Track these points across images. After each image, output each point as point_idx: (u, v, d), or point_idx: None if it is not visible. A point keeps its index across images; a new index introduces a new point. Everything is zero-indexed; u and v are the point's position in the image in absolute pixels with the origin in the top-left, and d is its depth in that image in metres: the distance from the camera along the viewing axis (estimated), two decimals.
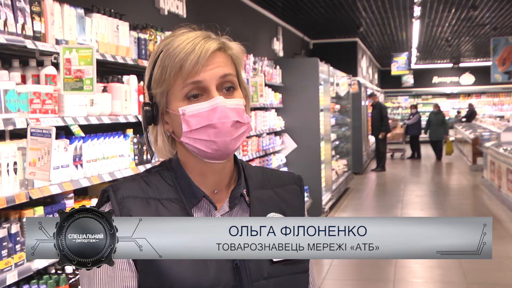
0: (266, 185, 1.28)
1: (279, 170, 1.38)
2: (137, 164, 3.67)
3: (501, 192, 9.52)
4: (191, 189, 1.20)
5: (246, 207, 1.24)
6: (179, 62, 1.16)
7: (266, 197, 1.25)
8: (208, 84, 1.16)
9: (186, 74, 1.16)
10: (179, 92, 1.17)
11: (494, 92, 25.12)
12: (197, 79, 1.16)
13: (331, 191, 9.14)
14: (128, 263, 1.14)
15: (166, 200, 1.19)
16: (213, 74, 1.17)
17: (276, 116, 7.83)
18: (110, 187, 1.18)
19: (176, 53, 1.16)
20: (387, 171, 14.36)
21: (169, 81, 1.17)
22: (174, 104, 1.19)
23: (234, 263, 1.15)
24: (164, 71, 1.17)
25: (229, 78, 1.19)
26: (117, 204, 1.16)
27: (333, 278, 5.76)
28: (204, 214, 1.20)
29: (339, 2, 9.92)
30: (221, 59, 1.19)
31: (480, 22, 13.01)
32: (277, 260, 1.17)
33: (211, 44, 1.17)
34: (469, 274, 5.69)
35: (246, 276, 1.15)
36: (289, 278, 1.20)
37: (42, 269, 2.79)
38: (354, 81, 12.91)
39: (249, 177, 1.27)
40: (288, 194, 1.29)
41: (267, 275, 1.17)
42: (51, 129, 2.58)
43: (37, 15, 2.82)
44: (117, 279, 1.13)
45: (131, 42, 3.78)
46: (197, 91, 1.17)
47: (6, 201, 2.46)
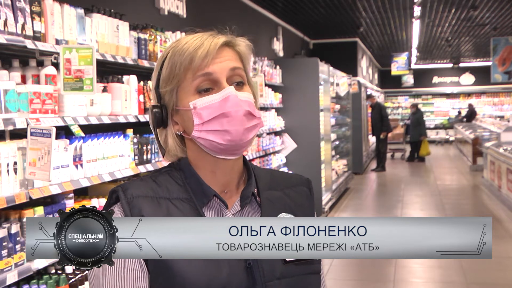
0: (275, 186, 1.27)
1: (287, 172, 1.38)
2: (137, 164, 3.67)
3: (501, 192, 9.52)
4: (201, 188, 1.19)
5: (257, 207, 1.23)
6: (189, 56, 1.17)
7: (276, 197, 1.25)
8: (218, 76, 1.17)
9: (196, 67, 1.17)
10: (189, 86, 1.18)
11: (494, 92, 25.11)
12: (207, 71, 1.17)
13: (331, 191, 9.14)
14: (139, 263, 1.13)
15: (177, 199, 1.18)
16: (223, 66, 1.18)
17: (276, 116, 7.83)
18: (119, 187, 1.17)
19: (185, 48, 1.18)
20: (387, 171, 14.36)
21: (179, 76, 1.18)
22: (185, 99, 1.19)
23: (247, 263, 1.14)
24: (173, 67, 1.18)
25: (239, 72, 1.20)
26: (127, 203, 1.14)
27: (333, 278, 5.76)
28: (215, 213, 1.19)
29: (339, 2, 9.91)
30: (229, 54, 1.20)
31: (480, 22, 13.00)
32: (289, 260, 1.17)
33: (219, 39, 1.19)
34: (469, 274, 5.69)
35: (260, 276, 1.15)
36: (301, 279, 1.19)
37: (42, 269, 2.79)
38: (354, 81, 12.90)
39: (258, 178, 1.26)
40: (297, 195, 1.29)
41: (280, 275, 1.17)
42: (51, 129, 2.58)
43: (37, 15, 2.82)
44: (129, 280, 1.12)
45: (131, 42, 3.78)
46: (208, 84, 1.18)
47: (6, 201, 2.46)
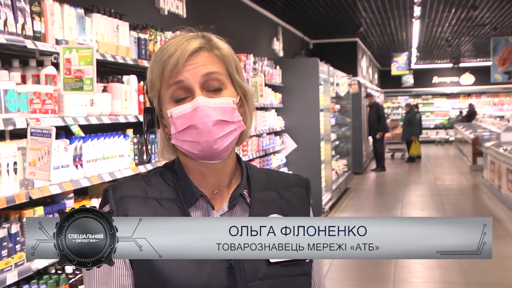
0: (270, 187, 1.27)
1: (286, 172, 1.37)
2: (137, 164, 3.67)
3: (501, 192, 9.51)
4: (190, 189, 1.21)
5: (247, 207, 1.23)
6: (162, 64, 1.17)
7: (268, 199, 1.24)
8: (191, 83, 1.16)
9: (167, 75, 1.17)
10: (166, 94, 1.19)
11: (494, 92, 25.11)
12: (178, 79, 1.17)
13: (331, 191, 9.14)
14: (123, 262, 1.16)
15: (165, 200, 1.19)
16: (195, 72, 1.17)
17: (276, 116, 7.83)
18: (110, 187, 1.20)
19: (160, 56, 1.19)
20: (387, 171, 14.36)
21: (157, 84, 1.20)
22: (165, 106, 1.20)
23: (229, 263, 1.14)
24: (152, 74, 1.20)
25: (215, 76, 1.18)
26: (115, 203, 1.17)
27: (333, 278, 5.76)
28: (202, 214, 1.20)
29: (339, 2, 9.91)
30: (205, 59, 1.18)
31: (480, 22, 13.00)
32: (274, 261, 1.16)
33: (192, 44, 1.17)
34: (469, 274, 5.69)
35: (241, 277, 1.14)
36: (287, 280, 1.18)
37: (42, 269, 2.79)
38: (354, 81, 12.90)
39: (252, 179, 1.26)
40: (292, 196, 1.27)
41: (263, 276, 1.16)
42: (51, 129, 2.57)
43: (37, 15, 2.82)
44: (113, 277, 1.15)
45: (131, 42, 3.78)
46: (183, 93, 1.17)
47: (6, 201, 2.46)
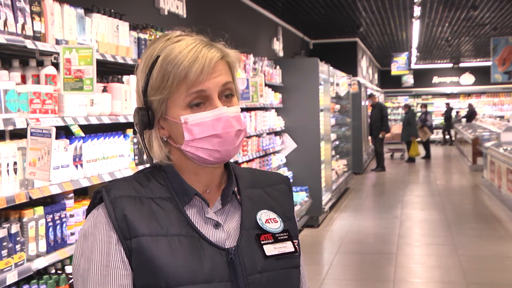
0: (256, 184, 1.31)
1: (267, 171, 1.41)
2: (137, 164, 3.67)
3: (501, 192, 9.52)
4: (183, 188, 1.22)
5: (238, 205, 1.26)
6: (184, 71, 1.16)
7: (256, 195, 1.28)
8: (211, 93, 1.18)
9: (190, 83, 1.16)
10: (181, 101, 1.18)
11: (494, 92, 25.11)
12: (201, 88, 1.17)
13: (331, 191, 9.14)
14: (122, 261, 1.14)
15: (159, 198, 1.20)
16: (216, 82, 1.18)
17: (276, 116, 7.83)
18: (102, 188, 1.19)
19: (179, 60, 1.16)
20: (387, 171, 14.36)
21: (171, 89, 1.17)
22: (174, 111, 1.19)
23: (229, 258, 1.17)
24: (165, 78, 1.17)
25: (229, 85, 1.21)
26: (111, 203, 1.16)
27: (333, 278, 5.76)
28: (197, 211, 1.22)
29: (339, 2, 9.91)
30: (222, 67, 1.20)
31: (480, 22, 13.00)
32: (270, 255, 1.20)
33: (214, 53, 1.18)
34: (469, 274, 5.69)
35: (241, 270, 1.17)
36: (282, 273, 1.22)
37: (42, 269, 2.79)
38: (354, 81, 12.90)
39: (239, 177, 1.29)
40: (277, 193, 1.32)
41: (261, 269, 1.19)
42: (51, 129, 2.57)
43: (37, 15, 2.82)
44: (112, 278, 1.13)
45: (131, 42, 3.78)
46: (200, 100, 1.18)
47: (6, 201, 2.46)
